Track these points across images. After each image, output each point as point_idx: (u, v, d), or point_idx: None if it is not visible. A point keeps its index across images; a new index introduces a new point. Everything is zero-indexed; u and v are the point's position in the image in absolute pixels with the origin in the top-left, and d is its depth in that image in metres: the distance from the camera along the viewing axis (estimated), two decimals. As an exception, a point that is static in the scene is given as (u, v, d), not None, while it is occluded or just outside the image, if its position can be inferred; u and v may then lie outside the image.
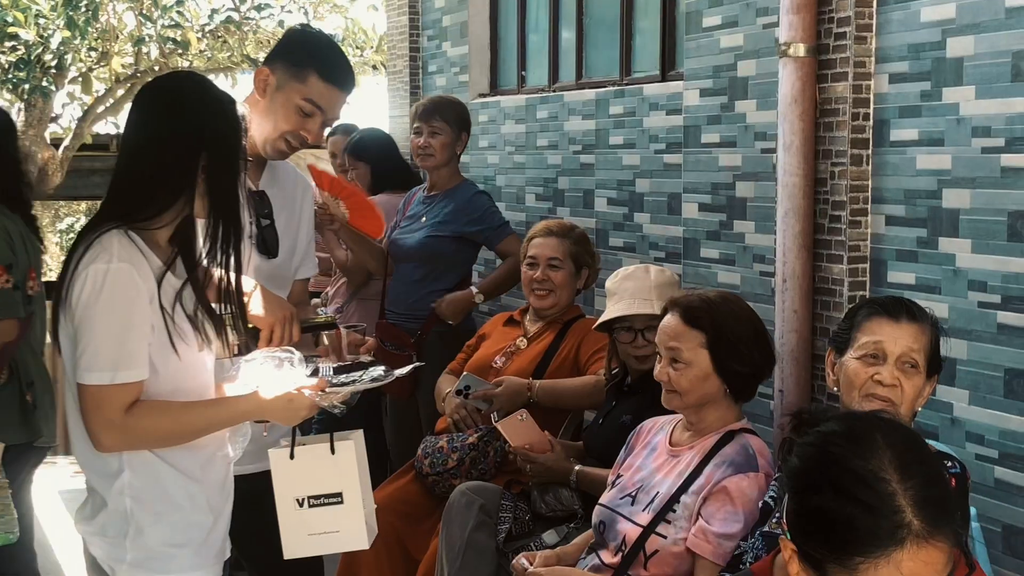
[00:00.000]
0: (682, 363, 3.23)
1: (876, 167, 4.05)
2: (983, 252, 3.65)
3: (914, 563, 1.74)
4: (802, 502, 1.85)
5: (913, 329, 2.79)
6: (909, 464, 1.80)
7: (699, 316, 3.23)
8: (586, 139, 5.83)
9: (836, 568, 1.78)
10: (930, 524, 1.75)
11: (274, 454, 2.95)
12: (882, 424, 1.88)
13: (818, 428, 1.89)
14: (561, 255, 4.71)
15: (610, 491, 3.39)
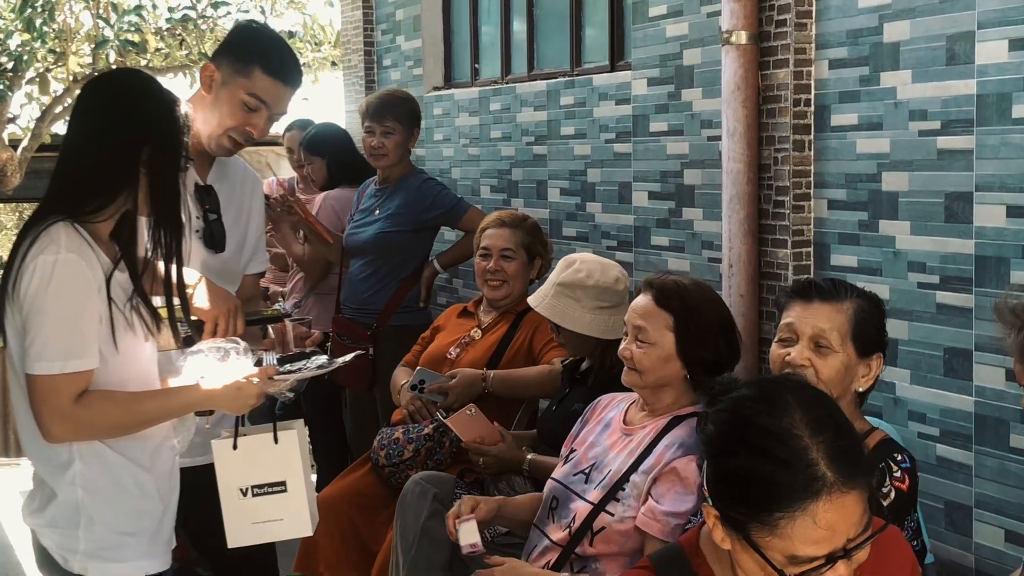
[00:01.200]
0: (647, 342, 3.24)
1: (818, 152, 4.10)
2: (921, 234, 3.71)
3: (830, 513, 1.79)
4: (720, 466, 1.89)
5: (826, 309, 2.79)
6: (819, 419, 1.85)
7: (670, 298, 3.25)
8: (538, 130, 5.86)
9: (757, 527, 1.83)
10: (843, 475, 1.81)
11: (217, 444, 2.98)
12: (791, 385, 1.94)
13: (731, 395, 1.94)
14: (514, 245, 4.73)
15: (563, 466, 3.41)
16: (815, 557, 1.82)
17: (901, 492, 2.67)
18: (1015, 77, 3.39)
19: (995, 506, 3.51)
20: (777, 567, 1.83)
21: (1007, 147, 3.42)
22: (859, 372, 2.79)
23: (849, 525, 1.82)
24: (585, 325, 3.94)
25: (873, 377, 2.81)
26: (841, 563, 1.83)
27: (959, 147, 3.56)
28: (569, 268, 4.06)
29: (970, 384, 3.56)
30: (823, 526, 1.80)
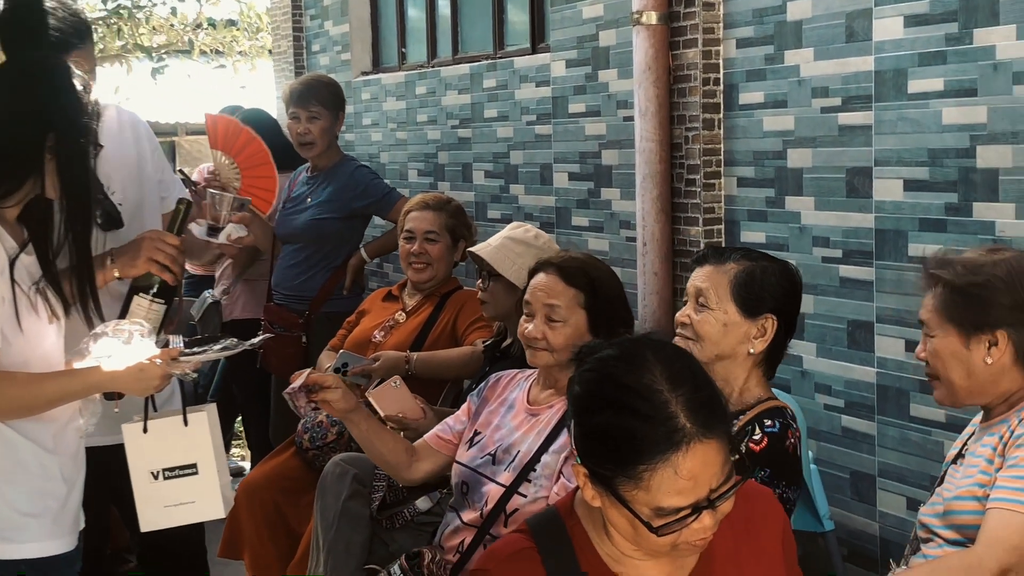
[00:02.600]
0: (559, 320, 3.25)
1: (727, 130, 4.16)
2: (825, 209, 3.78)
3: (691, 463, 1.84)
4: (586, 424, 1.93)
5: (708, 270, 2.85)
6: (678, 374, 1.90)
7: (576, 275, 3.25)
8: (463, 113, 5.89)
9: (623, 481, 1.87)
10: (702, 425, 1.85)
11: (127, 428, 2.98)
12: (652, 343, 1.98)
13: (595, 355, 1.98)
14: (438, 228, 4.74)
15: (469, 450, 3.41)
16: (680, 508, 1.86)
17: (751, 452, 2.72)
18: (910, 53, 3.45)
19: (897, 475, 3.58)
20: (644, 520, 1.87)
21: (904, 122, 3.48)
22: (749, 333, 2.82)
23: (711, 475, 1.87)
24: (520, 279, 3.95)
25: (768, 339, 2.83)
26: (706, 513, 1.88)
27: (859, 123, 3.63)
28: (520, 228, 4.11)
29: (872, 356, 3.63)
30: (685, 476, 1.85)
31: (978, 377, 2.58)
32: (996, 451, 2.56)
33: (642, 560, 2.00)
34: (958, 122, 3.32)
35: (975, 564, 2.44)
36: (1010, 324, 2.53)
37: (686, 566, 2.04)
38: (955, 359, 2.58)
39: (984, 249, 2.63)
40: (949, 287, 2.56)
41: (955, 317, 2.55)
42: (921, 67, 3.42)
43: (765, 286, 2.84)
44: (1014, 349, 2.55)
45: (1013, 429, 2.54)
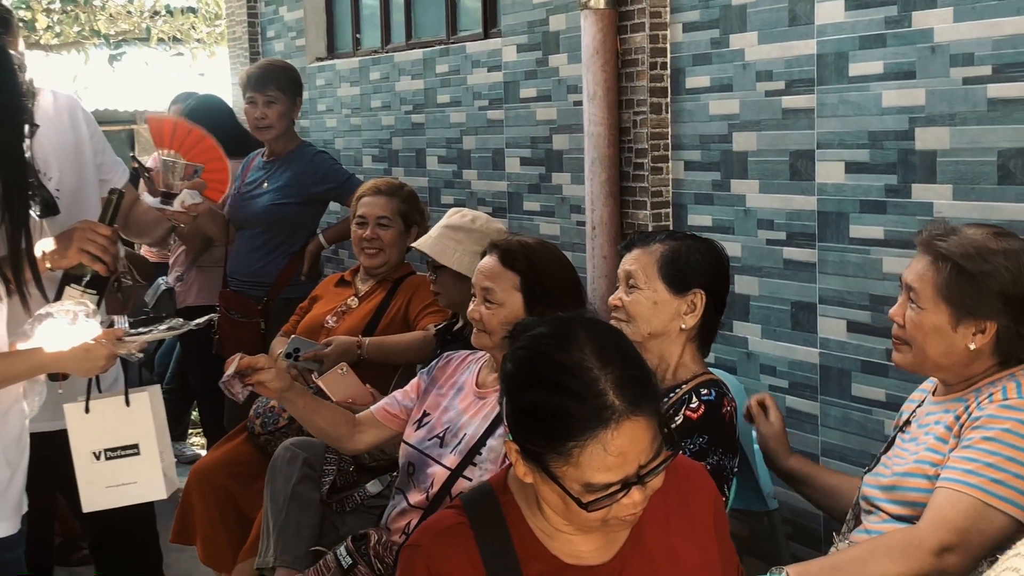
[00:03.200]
0: (495, 303, 3.27)
1: (674, 114, 4.19)
2: (769, 192, 3.81)
3: (620, 440, 1.86)
4: (517, 401, 1.96)
5: (636, 253, 2.93)
6: (608, 352, 1.92)
7: (516, 258, 3.26)
8: (416, 99, 5.89)
9: (554, 457, 1.89)
10: (631, 403, 1.88)
11: (69, 408, 2.98)
12: (583, 321, 2.01)
13: (527, 333, 2.00)
14: (390, 213, 4.74)
15: (418, 431, 3.43)
16: (609, 484, 1.89)
17: (689, 420, 2.76)
18: (851, 36, 3.49)
19: (839, 453, 3.62)
20: (574, 496, 1.90)
21: (845, 105, 3.52)
22: (679, 309, 2.87)
23: (639, 451, 1.89)
24: (464, 266, 3.96)
25: (698, 315, 2.88)
26: (635, 489, 1.90)
27: (801, 106, 3.66)
28: (457, 214, 4.11)
29: (815, 336, 3.67)
30: (614, 453, 1.87)
31: (954, 358, 2.60)
32: (951, 431, 2.59)
33: (574, 535, 2.03)
34: (897, 104, 3.36)
35: (915, 542, 2.47)
36: (1002, 317, 2.55)
37: (617, 540, 2.06)
38: (938, 335, 2.59)
39: (989, 231, 2.61)
40: (956, 267, 2.55)
41: (953, 298, 2.55)
42: (862, 50, 3.45)
43: (691, 263, 2.89)
44: (997, 340, 2.58)
45: (971, 410, 2.56)
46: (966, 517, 2.43)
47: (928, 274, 2.59)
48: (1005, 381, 2.57)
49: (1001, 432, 2.47)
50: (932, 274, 2.59)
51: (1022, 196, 3.02)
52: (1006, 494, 2.43)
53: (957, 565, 2.43)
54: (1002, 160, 3.07)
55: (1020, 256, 2.56)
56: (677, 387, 2.92)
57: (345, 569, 3.30)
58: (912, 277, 2.63)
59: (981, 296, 2.54)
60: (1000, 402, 2.52)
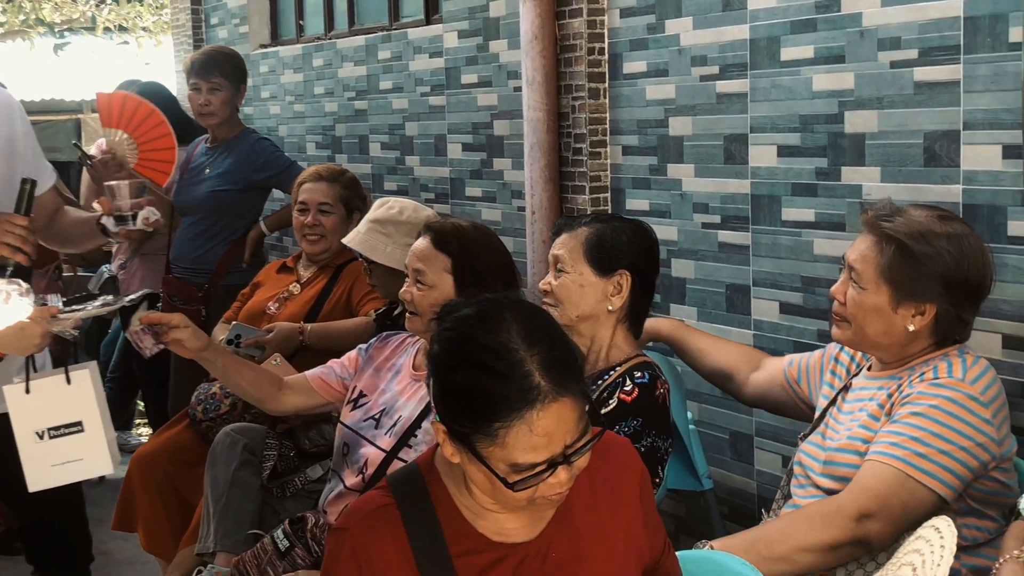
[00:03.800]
0: (426, 285, 3.28)
1: (612, 99, 4.22)
2: (704, 176, 3.85)
3: (545, 420, 1.89)
4: (444, 382, 1.97)
5: (563, 238, 2.99)
6: (534, 333, 1.95)
7: (448, 241, 3.28)
8: (359, 85, 5.90)
9: (480, 438, 1.91)
10: (556, 383, 1.90)
11: (9, 390, 2.97)
12: (509, 303, 2.03)
13: (454, 315, 2.02)
14: (331, 200, 4.74)
15: (354, 411, 3.43)
16: (535, 463, 1.91)
17: (623, 403, 2.80)
18: (783, 21, 3.53)
19: (772, 434, 3.67)
20: (501, 476, 1.92)
21: (777, 89, 3.56)
22: (606, 290, 2.91)
23: (565, 431, 1.92)
24: (395, 260, 3.97)
25: (625, 296, 2.92)
26: (561, 468, 1.93)
27: (735, 91, 3.70)
28: (383, 206, 4.11)
29: (749, 318, 3.72)
30: (539, 433, 1.89)
31: (893, 338, 2.66)
32: (883, 408, 2.64)
33: (500, 513, 2.05)
34: (827, 88, 3.40)
35: (834, 510, 2.52)
36: (942, 300, 2.60)
37: (544, 517, 2.09)
38: (878, 315, 2.64)
39: (934, 214, 2.65)
40: (900, 249, 2.60)
41: (895, 280, 2.60)
42: (793, 35, 3.49)
43: (616, 244, 2.94)
44: (935, 322, 2.63)
45: (903, 389, 2.62)
46: (887, 486, 2.48)
47: (871, 255, 2.64)
48: (937, 361, 2.63)
49: (928, 408, 2.53)
50: (876, 255, 2.63)
51: (947, 178, 3.07)
52: (928, 467, 2.49)
53: (878, 532, 2.47)
54: (928, 142, 3.12)
55: (963, 240, 2.61)
56: (611, 370, 2.95)
57: (282, 552, 3.31)
58: (855, 257, 2.68)
59: (923, 279, 2.59)
60: (931, 380, 2.58)
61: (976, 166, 3.00)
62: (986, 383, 2.56)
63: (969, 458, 2.50)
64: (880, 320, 2.64)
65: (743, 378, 3.21)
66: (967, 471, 2.51)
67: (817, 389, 2.99)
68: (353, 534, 2.05)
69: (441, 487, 2.09)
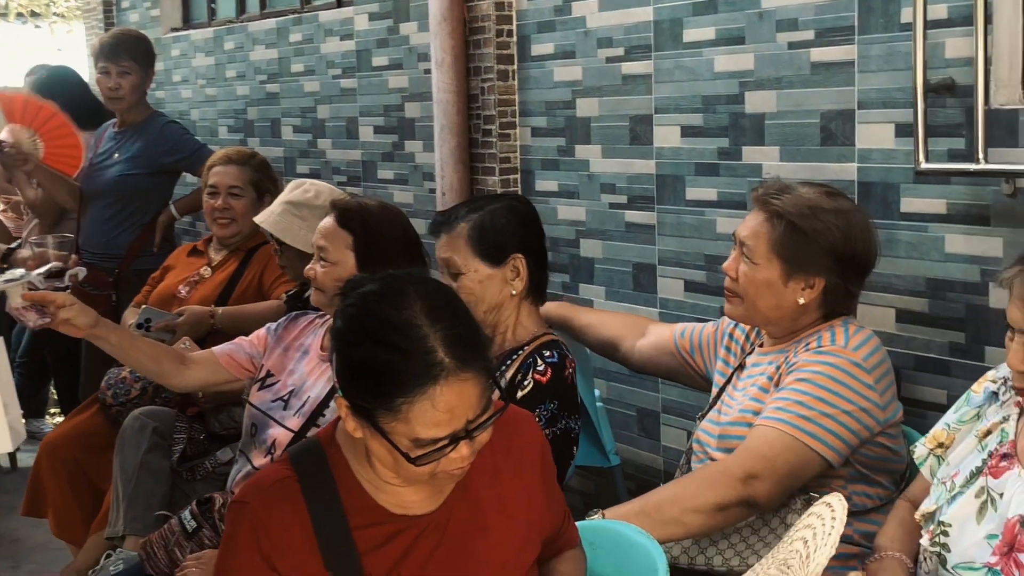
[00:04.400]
0: (328, 262, 3.29)
1: (521, 81, 4.25)
2: (611, 156, 3.90)
3: (448, 396, 1.91)
4: (347, 358, 1.98)
5: (444, 240, 2.97)
6: (438, 310, 1.96)
7: (351, 218, 3.29)
8: (270, 68, 5.87)
9: (383, 413, 1.93)
10: (460, 360, 1.92)
11: None
12: (413, 278, 2.04)
13: (357, 290, 2.03)
14: (241, 183, 4.71)
15: (261, 391, 3.43)
16: (438, 439, 1.93)
17: (539, 384, 2.83)
18: (685, 3, 3.58)
19: (679, 410, 3.73)
20: (403, 450, 1.94)
21: (680, 70, 3.61)
22: (505, 278, 2.93)
23: (468, 407, 1.94)
24: (308, 243, 3.97)
25: (524, 278, 2.94)
26: (463, 443, 1.95)
27: (640, 72, 3.75)
28: (298, 188, 4.10)
29: (655, 296, 3.77)
30: (442, 409, 1.91)
31: (784, 311, 2.73)
32: (772, 380, 2.71)
33: (401, 486, 2.07)
34: (728, 69, 3.45)
35: (721, 471, 2.59)
36: (830, 273, 2.68)
37: (444, 490, 2.11)
38: (769, 290, 2.71)
39: (822, 191, 2.73)
40: (790, 225, 2.67)
41: (784, 254, 2.68)
42: (695, 16, 3.55)
43: (499, 230, 2.95)
44: (824, 296, 2.70)
45: (789, 359, 2.69)
46: (771, 447, 2.55)
47: (762, 231, 2.71)
48: (823, 331, 2.70)
49: (812, 374, 2.61)
50: (766, 231, 2.70)
51: (843, 156, 3.14)
52: (813, 430, 2.56)
53: (764, 492, 2.54)
54: (824, 121, 3.19)
55: (849, 216, 2.69)
56: (519, 349, 2.98)
57: (189, 532, 3.31)
58: (746, 233, 2.74)
59: (812, 253, 2.66)
60: (815, 349, 2.66)
61: (870, 144, 3.07)
62: (869, 351, 2.64)
63: (852, 422, 2.58)
64: (771, 294, 2.71)
65: (629, 346, 3.28)
66: (851, 435, 2.59)
67: (712, 363, 3.06)
68: (252, 507, 2.06)
69: (342, 460, 2.10)
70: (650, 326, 3.31)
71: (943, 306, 2.93)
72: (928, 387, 2.97)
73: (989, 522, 2.19)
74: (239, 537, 2.05)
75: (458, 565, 2.09)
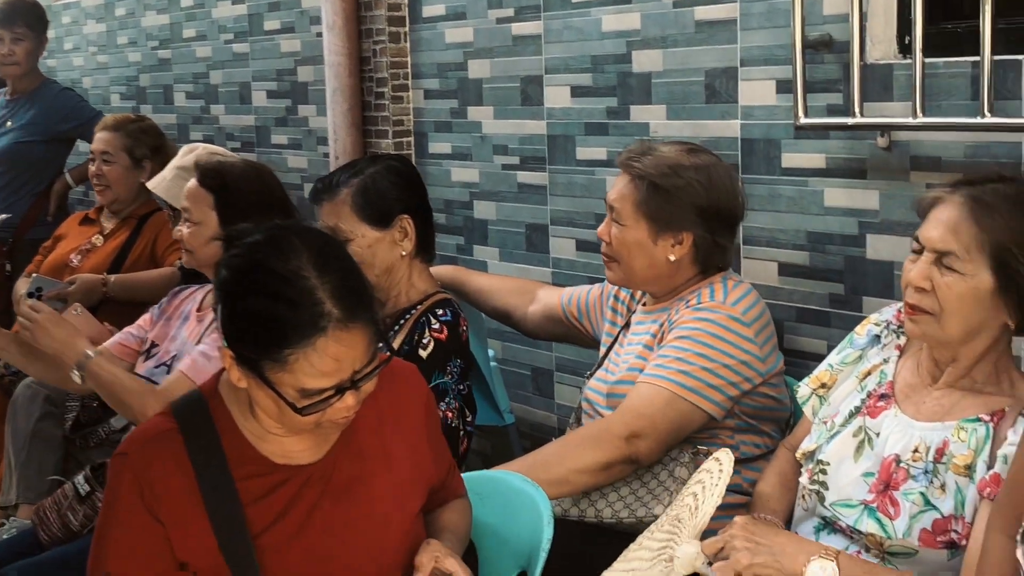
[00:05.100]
0: (192, 222, 3.27)
1: (413, 43, 4.25)
2: (503, 117, 3.91)
3: (335, 347, 1.91)
4: (233, 308, 1.98)
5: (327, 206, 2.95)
6: (326, 262, 1.96)
7: (211, 177, 3.25)
8: (162, 34, 5.80)
9: (269, 363, 1.93)
10: (346, 311, 1.92)
11: None
12: (300, 230, 2.04)
13: (243, 240, 2.03)
14: (112, 149, 4.63)
15: (146, 362, 3.43)
16: (324, 389, 1.94)
17: (439, 342, 2.85)
18: (570, -35, 3.61)
19: (572, 368, 3.78)
20: (289, 400, 1.94)
21: (569, 30, 3.64)
22: (394, 239, 2.93)
23: (354, 358, 1.95)
24: None
25: (413, 238, 2.95)
26: (349, 394, 1.96)
27: (530, 32, 3.77)
28: (191, 153, 4.06)
29: (548, 256, 3.80)
30: (329, 360, 1.92)
31: (658, 269, 2.78)
32: (656, 338, 2.77)
33: (285, 436, 2.08)
34: (616, 29, 3.49)
35: (604, 429, 2.64)
36: (697, 227, 2.74)
37: (329, 440, 2.12)
38: (640, 249, 2.77)
39: (683, 148, 2.79)
40: (652, 185, 2.73)
41: (650, 213, 2.74)
42: (583, -24, 3.58)
43: (382, 193, 2.94)
44: (695, 250, 2.76)
45: (671, 317, 2.74)
46: (652, 404, 2.61)
47: (627, 192, 2.78)
48: (702, 288, 2.77)
49: (692, 331, 2.66)
50: (630, 192, 2.77)
51: (727, 113, 3.19)
52: (693, 384, 2.62)
53: (647, 449, 2.61)
54: (709, 79, 3.23)
55: (711, 170, 2.75)
56: (412, 309, 2.98)
57: (83, 496, 3.29)
58: (614, 196, 2.81)
59: (676, 209, 2.72)
60: (694, 306, 2.72)
61: (752, 101, 3.12)
62: (747, 304, 2.70)
63: (732, 375, 2.65)
64: (643, 254, 2.78)
65: (521, 314, 3.33)
66: (732, 388, 2.65)
67: (600, 326, 3.11)
68: (133, 459, 2.05)
69: (224, 412, 2.10)
70: (539, 292, 3.35)
71: (823, 259, 3.00)
72: (809, 338, 3.04)
73: (866, 460, 2.25)
74: (121, 488, 2.04)
75: (342, 514, 2.10)
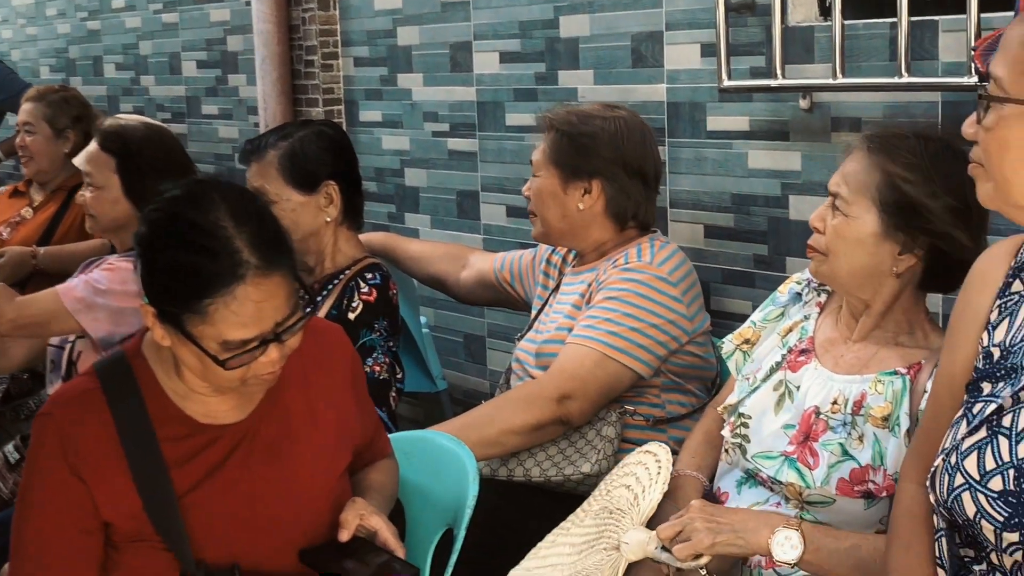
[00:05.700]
0: (94, 187, 3.24)
1: (342, 11, 4.24)
2: (432, 84, 3.92)
3: (255, 294, 1.91)
4: (152, 263, 1.97)
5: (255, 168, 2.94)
6: (243, 212, 1.96)
7: (112, 140, 3.23)
8: (91, 5, 5.74)
9: (190, 317, 1.92)
10: (265, 260, 1.92)
11: None
12: (218, 184, 2.04)
13: (161, 196, 2.02)
14: (33, 119, 4.59)
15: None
16: (247, 340, 1.93)
17: (367, 303, 2.86)
18: (500, -69, 3.61)
19: (503, 334, 3.80)
20: (212, 354, 1.94)
21: (498, -3, 3.65)
22: (318, 204, 2.93)
23: (275, 308, 1.95)
24: None
25: (339, 205, 2.94)
26: (273, 347, 1.96)
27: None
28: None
29: (479, 223, 3.82)
30: (249, 308, 1.91)
31: (571, 220, 2.81)
32: (584, 297, 2.79)
33: (210, 396, 2.07)
34: (543, -6, 3.51)
35: (537, 391, 2.66)
36: (606, 176, 2.77)
37: (253, 399, 2.12)
38: (553, 199, 2.80)
39: (602, 105, 2.85)
40: (561, 133, 2.78)
41: (559, 161, 2.78)
42: (511, -57, 3.58)
43: (310, 157, 2.93)
44: (605, 200, 2.79)
45: (599, 277, 2.76)
46: (582, 365, 2.63)
47: (542, 145, 2.81)
48: (630, 249, 2.79)
49: (619, 291, 2.69)
50: (544, 144, 2.81)
51: (653, 77, 3.21)
52: (621, 345, 2.64)
53: (578, 410, 2.63)
54: (635, 44, 3.25)
55: (621, 121, 2.79)
56: (340, 274, 2.98)
57: (12, 464, 3.28)
58: (535, 153, 2.84)
59: (582, 156, 2.78)
60: (622, 266, 2.74)
61: (678, 65, 3.15)
62: (673, 265, 2.73)
63: (660, 334, 2.68)
64: (555, 204, 2.81)
65: (454, 280, 3.35)
66: (659, 347, 2.68)
67: (532, 290, 3.13)
68: (57, 418, 2.04)
69: (148, 371, 2.09)
70: (471, 257, 3.36)
71: (747, 220, 3.03)
72: (734, 299, 3.08)
73: (786, 412, 2.28)
74: (44, 448, 2.03)
75: (268, 474, 2.10)
